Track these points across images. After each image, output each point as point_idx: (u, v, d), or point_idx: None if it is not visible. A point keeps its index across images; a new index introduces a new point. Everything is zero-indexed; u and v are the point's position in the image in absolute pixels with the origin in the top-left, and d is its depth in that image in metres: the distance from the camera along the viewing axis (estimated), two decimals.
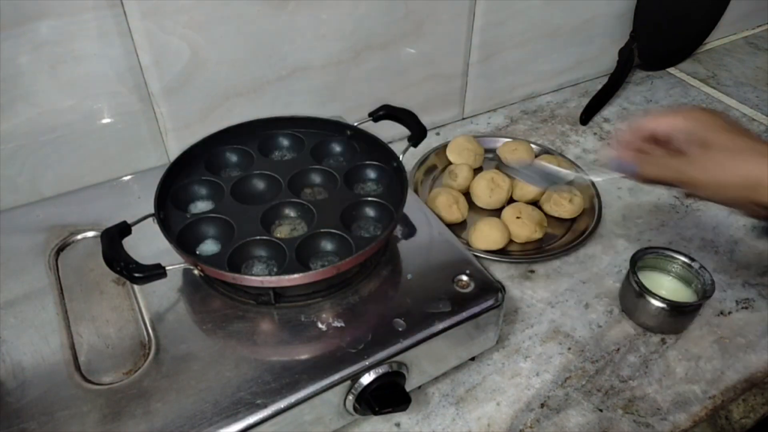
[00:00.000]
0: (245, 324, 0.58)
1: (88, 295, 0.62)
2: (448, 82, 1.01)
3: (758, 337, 0.72)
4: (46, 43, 0.68)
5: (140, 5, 0.70)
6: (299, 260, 0.60)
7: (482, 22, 0.96)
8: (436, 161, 0.95)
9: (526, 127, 1.07)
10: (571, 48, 1.11)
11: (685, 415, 0.64)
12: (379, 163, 0.71)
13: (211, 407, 0.51)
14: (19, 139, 0.72)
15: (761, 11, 1.39)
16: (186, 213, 0.65)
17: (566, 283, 0.78)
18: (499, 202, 0.87)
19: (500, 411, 0.64)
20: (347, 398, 0.56)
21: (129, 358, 0.56)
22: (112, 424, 0.50)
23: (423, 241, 0.68)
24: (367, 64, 0.90)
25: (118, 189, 0.73)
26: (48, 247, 0.66)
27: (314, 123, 0.76)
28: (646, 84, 1.20)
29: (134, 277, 0.54)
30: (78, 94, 0.73)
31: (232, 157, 0.73)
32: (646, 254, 0.74)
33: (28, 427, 0.50)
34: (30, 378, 0.54)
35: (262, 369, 0.54)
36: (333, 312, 0.59)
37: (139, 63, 0.74)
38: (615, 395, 0.66)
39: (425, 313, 0.59)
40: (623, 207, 0.90)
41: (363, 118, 0.75)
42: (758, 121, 1.09)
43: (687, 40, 1.26)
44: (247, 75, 0.82)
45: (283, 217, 0.66)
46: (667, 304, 0.69)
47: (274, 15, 0.78)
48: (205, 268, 0.57)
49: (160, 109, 0.79)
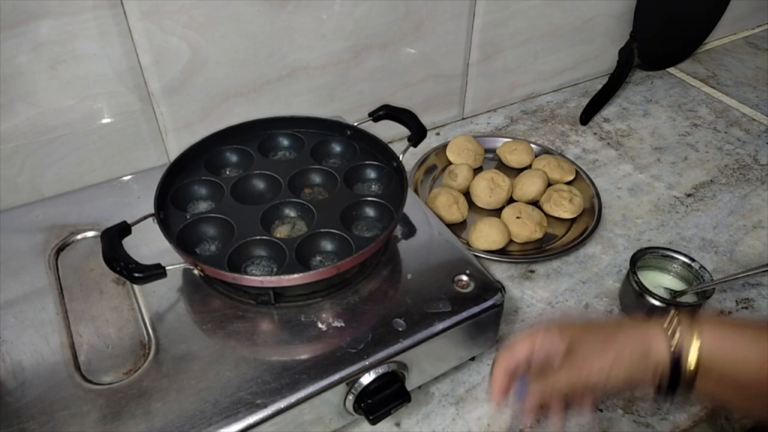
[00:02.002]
0: (245, 324, 0.58)
1: (88, 295, 0.62)
2: (448, 82, 1.01)
3: None
4: (46, 42, 0.68)
5: (140, 5, 0.70)
6: (299, 260, 0.60)
7: (482, 22, 0.96)
8: (436, 161, 0.95)
9: (526, 127, 1.07)
10: (571, 48, 1.11)
11: (685, 415, 0.64)
12: (379, 163, 0.71)
13: (211, 407, 0.51)
14: (19, 139, 0.72)
15: (761, 11, 1.39)
16: (186, 213, 0.65)
17: (566, 283, 0.78)
18: (499, 202, 0.87)
19: (500, 411, 0.64)
20: (347, 398, 0.56)
21: (129, 358, 0.56)
22: (112, 424, 0.50)
23: (423, 241, 0.68)
24: (367, 64, 0.90)
25: (118, 189, 0.73)
26: (48, 247, 0.66)
27: (314, 123, 0.76)
28: (646, 84, 1.20)
29: (134, 277, 0.54)
30: (78, 94, 0.73)
31: (232, 157, 0.73)
32: (646, 254, 0.74)
33: (28, 427, 0.50)
34: (30, 378, 0.54)
35: (262, 369, 0.54)
36: (333, 312, 0.59)
37: (139, 63, 0.74)
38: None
39: (425, 313, 0.59)
40: (623, 207, 0.90)
41: (363, 118, 0.75)
42: (758, 121, 1.09)
43: (687, 40, 1.26)
44: (247, 75, 0.82)
45: (283, 217, 0.66)
46: (666, 304, 0.69)
47: (274, 15, 0.78)
48: (205, 268, 0.57)
49: (160, 109, 0.79)
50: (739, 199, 0.92)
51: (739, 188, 0.94)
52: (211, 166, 0.71)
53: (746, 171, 0.98)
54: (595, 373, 0.48)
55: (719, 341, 0.47)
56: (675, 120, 1.10)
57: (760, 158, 1.00)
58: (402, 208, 0.64)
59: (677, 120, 1.10)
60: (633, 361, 0.48)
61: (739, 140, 1.04)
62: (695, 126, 1.08)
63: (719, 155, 1.01)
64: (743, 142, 1.04)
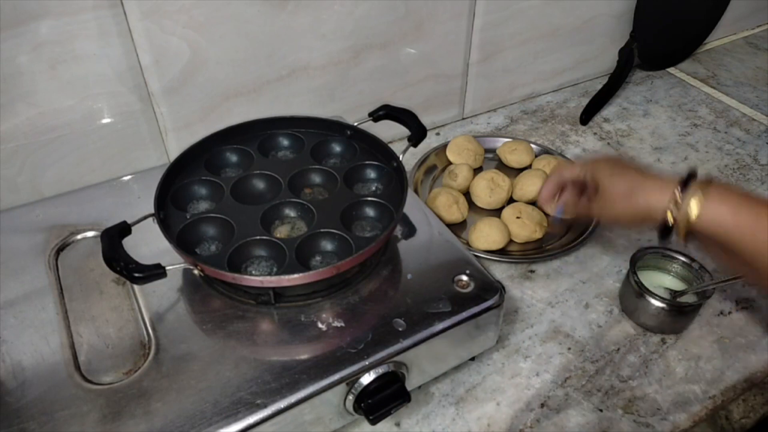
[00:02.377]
0: (245, 324, 0.58)
1: (88, 295, 0.62)
2: (448, 82, 1.01)
3: (758, 337, 0.72)
4: (46, 42, 0.68)
5: (140, 5, 0.70)
6: (299, 260, 0.60)
7: (482, 22, 0.96)
8: (436, 161, 0.95)
9: (526, 127, 1.07)
10: (571, 48, 1.11)
11: (685, 415, 0.64)
12: (379, 163, 0.71)
13: (211, 407, 0.51)
14: (19, 139, 0.72)
15: (761, 11, 1.39)
16: (186, 213, 0.65)
17: (566, 283, 0.78)
18: (499, 202, 0.87)
19: (500, 411, 0.64)
20: (347, 398, 0.56)
21: (129, 358, 0.56)
22: (112, 424, 0.50)
23: (423, 241, 0.68)
24: (367, 64, 0.90)
25: (118, 189, 0.73)
26: (48, 247, 0.66)
27: (314, 123, 0.76)
28: (646, 84, 1.20)
29: (134, 277, 0.54)
30: (78, 94, 0.73)
31: (232, 157, 0.73)
32: (646, 254, 0.74)
33: (28, 427, 0.50)
34: (30, 378, 0.54)
35: (262, 369, 0.54)
36: (333, 312, 0.59)
37: (139, 63, 0.74)
38: (615, 395, 0.66)
39: (425, 313, 0.59)
40: None
41: (363, 118, 0.75)
42: (758, 121, 1.09)
43: (687, 40, 1.26)
44: (247, 75, 0.82)
45: (283, 217, 0.66)
46: (666, 304, 0.69)
47: (274, 15, 0.78)
48: (205, 268, 0.57)
49: (160, 109, 0.79)
50: None
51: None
52: (211, 166, 0.71)
53: (746, 171, 0.98)
54: (615, 214, 0.65)
55: (724, 206, 0.56)
56: (675, 120, 1.10)
57: (760, 158, 1.00)
58: (402, 208, 0.64)
59: (677, 120, 1.10)
60: (644, 212, 0.61)
61: (739, 140, 1.04)
62: (695, 126, 1.08)
63: (719, 155, 1.01)
64: (743, 142, 1.04)
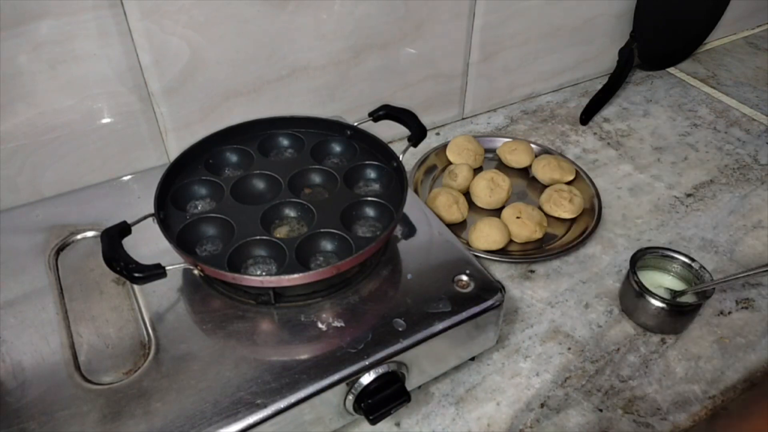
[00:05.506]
0: (245, 324, 0.58)
1: (88, 295, 0.62)
2: (448, 82, 1.01)
3: (758, 337, 0.72)
4: (45, 43, 0.68)
5: (140, 5, 0.70)
6: (299, 260, 0.60)
7: (482, 22, 0.96)
8: (436, 161, 0.95)
9: (526, 127, 1.07)
10: (571, 48, 1.11)
11: (685, 415, 0.64)
12: (379, 163, 0.71)
13: (211, 407, 0.51)
14: (19, 139, 0.72)
15: (761, 11, 1.39)
16: (186, 213, 0.65)
17: (566, 283, 0.78)
18: (499, 202, 0.87)
19: (500, 411, 0.64)
20: (347, 398, 0.56)
21: (129, 358, 0.56)
22: (112, 424, 0.50)
23: (423, 241, 0.68)
24: (367, 64, 0.90)
25: (118, 189, 0.73)
26: (48, 247, 0.66)
27: (314, 123, 0.76)
28: (646, 84, 1.20)
29: (134, 277, 0.54)
30: (78, 94, 0.73)
31: (232, 157, 0.73)
32: (646, 254, 0.74)
33: (28, 427, 0.50)
34: (30, 378, 0.54)
35: (262, 369, 0.54)
36: (333, 312, 0.59)
37: (139, 63, 0.74)
38: (615, 395, 0.66)
39: (425, 313, 0.59)
40: (623, 207, 0.90)
41: (363, 118, 0.75)
42: (758, 121, 1.09)
43: (687, 40, 1.26)
44: (247, 75, 0.82)
45: (283, 217, 0.66)
46: (666, 304, 0.69)
47: (274, 15, 0.78)
48: (205, 268, 0.57)
49: (160, 109, 0.79)
50: (739, 199, 0.92)
51: (739, 188, 0.94)
52: (211, 166, 0.71)
53: (746, 171, 0.98)
54: None
55: None
56: (675, 120, 1.10)
57: (760, 158, 1.00)
58: (402, 208, 0.64)
59: (677, 120, 1.10)
60: None
61: (739, 140, 1.05)
62: (695, 126, 1.08)
63: (719, 155, 1.01)
64: (743, 142, 1.04)
